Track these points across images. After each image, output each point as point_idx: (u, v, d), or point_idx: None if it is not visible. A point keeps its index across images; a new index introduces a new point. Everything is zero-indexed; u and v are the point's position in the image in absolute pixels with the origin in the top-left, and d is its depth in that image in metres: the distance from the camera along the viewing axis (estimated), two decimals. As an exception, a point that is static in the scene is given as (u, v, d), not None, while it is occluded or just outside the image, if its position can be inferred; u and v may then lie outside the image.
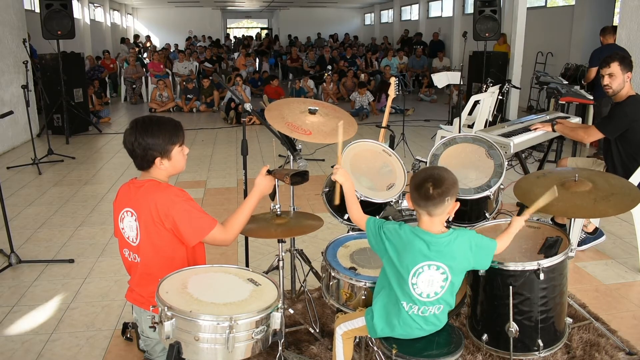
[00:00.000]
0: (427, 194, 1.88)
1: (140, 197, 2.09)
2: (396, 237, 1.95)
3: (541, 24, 11.19)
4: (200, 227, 2.08)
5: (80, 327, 2.99)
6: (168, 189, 2.10)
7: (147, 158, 2.10)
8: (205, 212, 2.13)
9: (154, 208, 2.04)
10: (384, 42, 19.17)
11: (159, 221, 2.05)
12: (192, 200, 2.12)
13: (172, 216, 2.04)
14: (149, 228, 2.08)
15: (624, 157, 3.56)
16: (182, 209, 2.06)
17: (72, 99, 8.26)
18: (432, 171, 1.94)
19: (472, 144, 2.90)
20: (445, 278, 1.94)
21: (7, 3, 7.65)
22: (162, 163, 2.12)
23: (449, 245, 1.93)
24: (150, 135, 2.07)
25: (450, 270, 1.93)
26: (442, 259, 1.92)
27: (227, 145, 7.83)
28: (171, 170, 2.17)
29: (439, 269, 1.93)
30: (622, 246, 4.03)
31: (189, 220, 2.06)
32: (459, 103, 5.80)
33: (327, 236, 3.75)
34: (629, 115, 3.44)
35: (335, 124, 2.76)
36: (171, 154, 2.13)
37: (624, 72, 3.45)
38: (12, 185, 5.69)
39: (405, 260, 1.92)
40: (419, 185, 1.91)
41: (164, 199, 2.05)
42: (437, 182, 1.89)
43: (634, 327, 2.95)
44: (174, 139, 2.12)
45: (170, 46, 18.20)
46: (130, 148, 2.09)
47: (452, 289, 1.98)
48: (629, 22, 6.33)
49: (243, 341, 1.74)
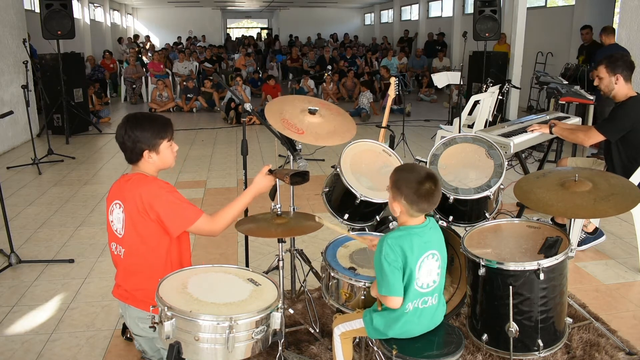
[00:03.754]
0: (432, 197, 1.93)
1: (127, 190, 2.16)
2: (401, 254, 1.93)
3: (541, 24, 11.19)
4: (185, 217, 2.13)
5: (80, 327, 2.99)
6: (154, 181, 2.16)
7: (135, 151, 2.17)
8: (190, 203, 2.18)
9: (139, 199, 2.10)
10: (384, 42, 19.19)
11: (144, 212, 2.10)
12: (176, 192, 2.18)
13: (156, 207, 2.10)
14: (135, 218, 2.13)
15: (624, 159, 3.54)
16: (166, 200, 2.11)
17: (72, 99, 8.26)
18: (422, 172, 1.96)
19: (472, 144, 2.90)
20: (439, 265, 2.02)
21: (7, 3, 7.65)
22: (150, 156, 2.18)
23: (434, 228, 2.03)
24: (139, 128, 2.15)
25: (440, 254, 2.02)
26: (434, 244, 2.00)
27: (227, 145, 7.83)
28: (160, 165, 2.23)
29: (434, 256, 1.99)
30: (622, 246, 4.03)
31: (172, 211, 2.12)
32: (459, 103, 5.80)
33: (327, 236, 3.73)
34: (630, 116, 3.43)
35: (333, 127, 2.76)
36: (159, 148, 2.19)
37: (610, 74, 3.47)
38: (12, 185, 5.69)
39: (415, 261, 1.94)
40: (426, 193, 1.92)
41: (148, 190, 2.11)
42: (435, 182, 1.95)
43: (634, 327, 2.95)
44: (162, 133, 2.19)
45: (169, 45, 18.20)
46: (121, 140, 2.18)
47: (444, 273, 2.06)
48: (629, 22, 6.33)
49: (243, 341, 1.74)
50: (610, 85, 3.50)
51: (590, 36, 8.31)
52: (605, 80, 3.50)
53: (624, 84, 3.47)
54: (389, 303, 1.95)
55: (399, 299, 1.94)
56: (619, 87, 3.48)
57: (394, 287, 1.92)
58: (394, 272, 1.92)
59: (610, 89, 3.51)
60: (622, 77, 3.45)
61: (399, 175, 2.00)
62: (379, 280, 1.97)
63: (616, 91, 3.50)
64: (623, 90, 3.48)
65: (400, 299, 1.94)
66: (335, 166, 2.74)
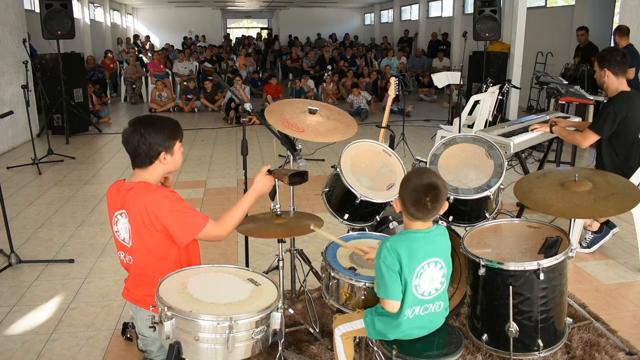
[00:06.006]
0: (426, 209, 1.92)
1: (130, 199, 2.11)
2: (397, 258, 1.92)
3: (541, 24, 11.19)
4: (192, 225, 2.10)
5: (80, 327, 2.99)
6: (158, 190, 2.12)
7: (151, 154, 2.12)
8: (195, 210, 2.14)
9: (144, 210, 2.06)
10: (384, 42, 19.19)
11: (149, 223, 2.07)
12: (182, 200, 2.14)
13: (161, 217, 2.06)
14: (140, 230, 2.09)
15: (615, 157, 3.56)
16: (171, 210, 2.07)
17: (72, 99, 8.26)
18: (424, 181, 1.92)
19: (472, 144, 2.90)
20: (443, 274, 2.00)
21: (7, 3, 7.64)
22: (165, 158, 2.15)
23: (440, 235, 2.01)
24: (155, 131, 2.11)
25: (445, 263, 2.00)
26: (438, 252, 1.97)
27: (227, 145, 7.83)
28: (171, 167, 2.21)
29: (437, 264, 1.97)
30: (622, 246, 4.03)
31: (179, 220, 2.08)
32: (459, 103, 5.80)
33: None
34: (616, 110, 3.47)
35: (333, 126, 2.76)
36: (173, 149, 2.18)
37: (599, 69, 3.58)
38: (12, 185, 5.69)
39: (411, 267, 1.93)
40: (416, 201, 1.91)
41: (152, 200, 2.07)
42: (435, 197, 1.91)
43: (634, 327, 2.95)
44: (175, 134, 2.18)
45: (169, 45, 18.20)
46: (135, 145, 2.11)
47: (447, 283, 2.04)
48: (629, 22, 6.34)
49: (243, 341, 1.74)
50: (600, 80, 3.61)
51: (586, 37, 8.37)
52: (597, 74, 3.63)
53: (614, 78, 3.53)
54: (387, 306, 1.96)
55: (396, 302, 1.94)
56: (609, 81, 3.55)
57: (391, 291, 1.92)
58: (391, 275, 1.92)
59: (601, 83, 3.63)
60: (610, 72, 3.52)
61: (406, 176, 2.01)
62: (378, 283, 1.98)
63: (606, 85, 3.58)
64: (613, 84, 3.54)
65: (397, 303, 1.94)
66: (335, 166, 2.74)
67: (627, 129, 3.49)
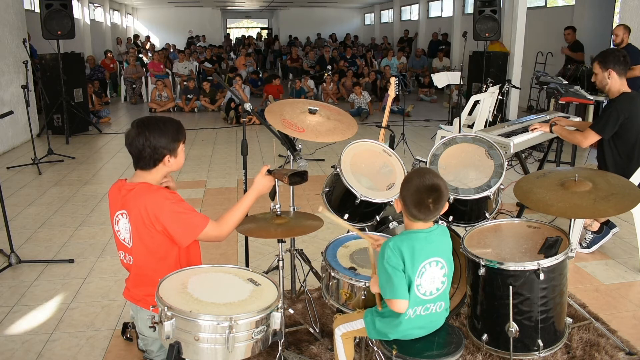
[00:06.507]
0: (428, 211, 1.92)
1: (131, 200, 2.11)
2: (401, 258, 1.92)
3: (541, 24, 11.19)
4: (192, 226, 2.10)
5: (80, 327, 2.99)
6: (158, 191, 2.12)
7: (155, 157, 2.12)
8: (196, 211, 2.15)
9: (144, 211, 2.06)
10: (384, 42, 19.18)
11: (150, 223, 2.07)
12: (182, 202, 2.14)
13: (162, 218, 2.06)
14: (140, 230, 2.10)
15: (617, 157, 3.56)
16: (171, 211, 2.08)
17: (72, 99, 8.26)
18: (427, 182, 1.91)
19: (472, 144, 2.90)
20: (445, 273, 1.99)
21: (7, 3, 7.64)
22: (169, 161, 2.16)
23: (441, 235, 2.00)
24: (160, 134, 2.11)
25: (446, 262, 1.99)
26: (439, 252, 1.97)
27: (227, 145, 7.82)
28: (174, 168, 2.21)
29: (438, 264, 1.97)
30: (622, 246, 4.03)
31: (179, 221, 2.08)
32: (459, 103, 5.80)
33: (327, 236, 3.75)
34: (618, 111, 3.46)
35: (333, 126, 2.76)
36: (177, 152, 2.18)
37: (603, 70, 3.56)
38: (12, 185, 5.69)
39: (414, 266, 1.93)
40: (418, 202, 1.91)
41: (153, 201, 2.07)
42: (437, 198, 1.90)
43: (634, 327, 2.95)
44: (179, 136, 2.18)
45: (169, 45, 18.20)
46: (140, 148, 2.10)
47: (449, 283, 2.03)
48: (629, 22, 6.33)
49: (243, 341, 1.74)
50: (603, 81, 3.58)
51: (573, 36, 8.69)
52: (599, 76, 3.59)
53: (617, 79, 3.52)
54: (395, 307, 1.92)
55: (404, 302, 1.91)
56: (612, 82, 3.53)
57: (398, 290, 1.90)
58: (397, 275, 1.90)
59: (604, 84, 3.59)
60: (614, 72, 3.51)
61: (407, 176, 2.00)
62: (383, 285, 1.95)
63: (610, 86, 3.56)
64: (616, 85, 3.53)
65: (406, 302, 1.91)
66: (335, 166, 2.74)
67: (630, 130, 3.49)
